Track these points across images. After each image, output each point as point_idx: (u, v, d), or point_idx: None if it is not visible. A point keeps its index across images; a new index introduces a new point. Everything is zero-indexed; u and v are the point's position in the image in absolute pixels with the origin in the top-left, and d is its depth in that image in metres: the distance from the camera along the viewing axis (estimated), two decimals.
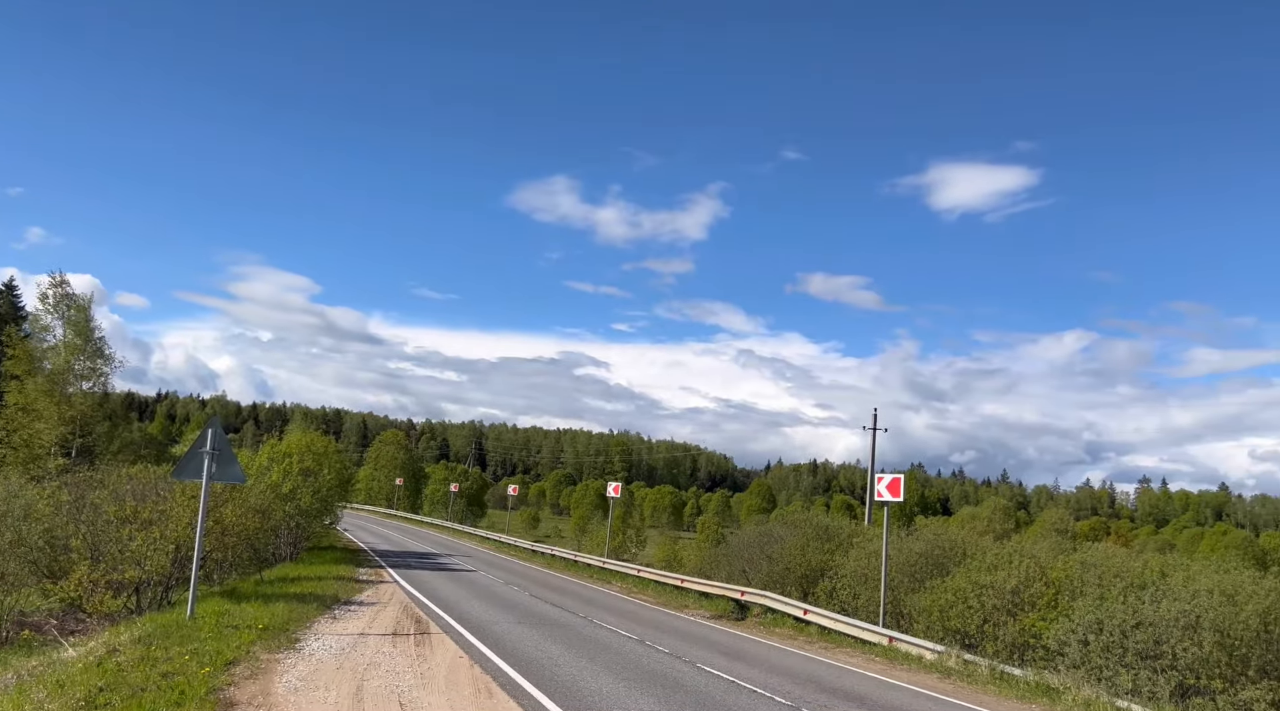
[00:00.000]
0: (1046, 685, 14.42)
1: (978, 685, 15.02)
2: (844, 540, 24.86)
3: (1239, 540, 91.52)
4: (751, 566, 26.46)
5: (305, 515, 30.07)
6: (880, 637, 18.39)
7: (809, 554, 24.18)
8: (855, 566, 22.19)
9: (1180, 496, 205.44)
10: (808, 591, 23.38)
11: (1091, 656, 15.04)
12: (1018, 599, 17.48)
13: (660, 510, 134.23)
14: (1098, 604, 15.70)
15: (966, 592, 18.09)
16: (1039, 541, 22.79)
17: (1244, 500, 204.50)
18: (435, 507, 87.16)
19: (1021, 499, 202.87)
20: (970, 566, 19.18)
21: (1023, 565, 18.14)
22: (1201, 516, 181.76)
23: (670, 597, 27.40)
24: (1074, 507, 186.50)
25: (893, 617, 20.02)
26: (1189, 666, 13.83)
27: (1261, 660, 13.60)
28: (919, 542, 21.94)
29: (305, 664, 12.12)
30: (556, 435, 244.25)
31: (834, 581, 22.57)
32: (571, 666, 13.39)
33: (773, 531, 28.33)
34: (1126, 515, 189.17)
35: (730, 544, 31.71)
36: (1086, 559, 18.70)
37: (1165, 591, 15.23)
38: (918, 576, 20.55)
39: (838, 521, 29.46)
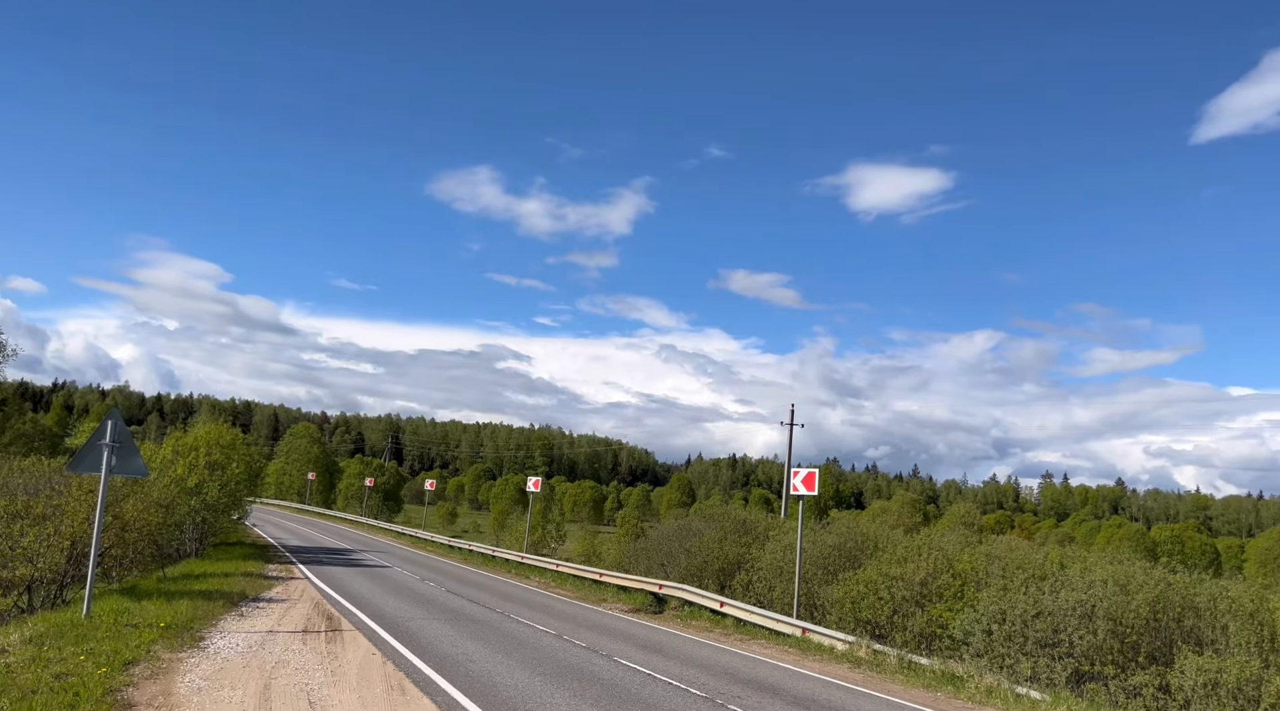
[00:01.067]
0: (951, 673, 14.89)
1: (886, 674, 15.42)
2: (761, 533, 25.18)
3: (1133, 533, 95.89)
4: (670, 560, 26.62)
5: (212, 510, 29.09)
6: (794, 629, 18.72)
7: (726, 547, 24.43)
8: (771, 559, 22.49)
9: (1080, 491, 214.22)
10: (725, 584, 23.63)
11: (994, 645, 15.56)
12: (926, 590, 17.97)
13: (581, 504, 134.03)
14: (1001, 595, 16.23)
15: (877, 584, 18.52)
16: (947, 534, 23.44)
17: (1138, 495, 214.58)
18: (350, 503, 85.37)
19: (931, 493, 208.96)
20: (881, 559, 19.63)
21: (931, 557, 18.64)
22: (1099, 510, 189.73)
23: (589, 592, 27.40)
24: (981, 501, 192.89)
25: (806, 609, 20.37)
26: (1084, 653, 14.42)
27: (1150, 646, 14.26)
28: (832, 536, 22.34)
29: (210, 663, 11.74)
30: (476, 429, 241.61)
31: (750, 574, 22.85)
32: (487, 662, 13.27)
33: (691, 525, 28.55)
34: (1030, 509, 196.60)
35: (650, 538, 31.82)
36: (991, 551, 19.30)
37: (1064, 582, 15.84)
38: (831, 569, 20.94)
39: (755, 515, 29.82)
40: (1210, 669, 12.93)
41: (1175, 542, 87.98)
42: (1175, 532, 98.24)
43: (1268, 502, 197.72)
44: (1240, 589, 15.37)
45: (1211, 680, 12.84)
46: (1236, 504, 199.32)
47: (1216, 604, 14.54)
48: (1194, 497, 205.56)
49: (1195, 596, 14.85)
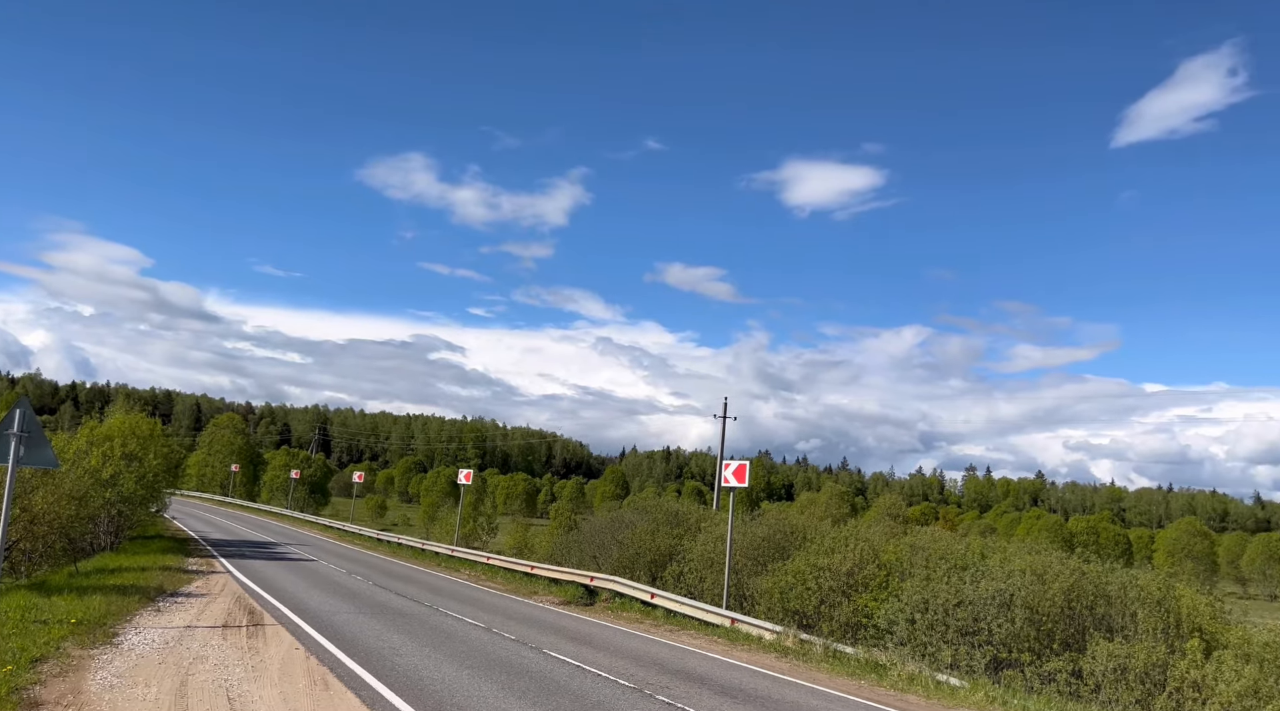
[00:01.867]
0: (875, 662, 15.19)
1: (812, 663, 15.66)
2: (692, 525, 25.33)
3: (1051, 524, 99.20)
4: (602, 552, 26.63)
5: (128, 502, 28.12)
6: (723, 619, 18.90)
7: (659, 539, 24.52)
8: (702, 550, 22.66)
9: (1002, 483, 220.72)
10: (656, 576, 23.73)
11: (917, 634, 15.93)
12: (852, 580, 18.30)
13: (514, 497, 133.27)
14: (924, 584, 16.60)
15: (805, 574, 18.79)
16: (873, 525, 23.92)
17: (1057, 487, 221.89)
18: (275, 495, 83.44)
19: (860, 485, 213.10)
20: (809, 550, 19.91)
21: (858, 548, 18.97)
22: (1020, 502, 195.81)
23: (520, 585, 27.26)
24: (907, 493, 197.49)
25: (736, 600, 20.58)
26: (1002, 641, 14.85)
27: (1065, 634, 14.75)
28: (762, 527, 22.60)
29: (123, 659, 11.34)
30: (407, 421, 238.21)
31: (682, 565, 22.98)
32: (414, 655, 13.10)
33: (624, 517, 28.56)
34: (954, 501, 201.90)
35: (582, 530, 31.78)
36: (915, 542, 19.71)
37: (984, 572, 16.26)
38: (760, 559, 21.18)
39: (687, 507, 29.96)
40: (1120, 654, 13.44)
41: (1091, 533, 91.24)
42: (1091, 524, 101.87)
43: (1177, 494, 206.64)
44: (1149, 578, 15.97)
45: (1121, 665, 13.34)
46: (1148, 496, 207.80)
47: (1126, 592, 15.08)
48: (1109, 490, 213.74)
49: (1107, 585, 15.38)
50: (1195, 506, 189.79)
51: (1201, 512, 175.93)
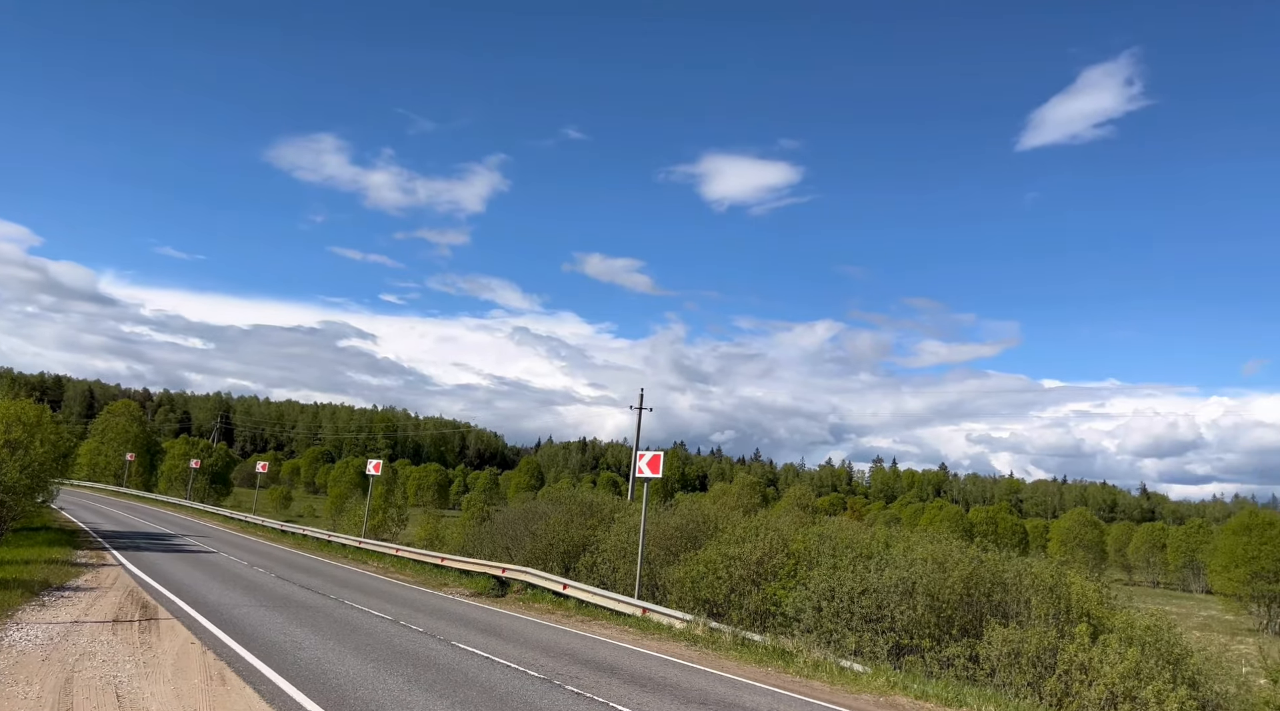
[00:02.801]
0: (782, 649, 15.46)
1: (721, 651, 15.84)
2: (606, 516, 25.32)
3: (952, 514, 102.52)
4: (515, 543, 26.42)
5: (11, 492, 26.63)
6: (635, 609, 18.96)
7: (572, 530, 24.45)
8: (616, 541, 22.68)
9: (907, 474, 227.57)
10: (570, 566, 23.67)
11: (824, 621, 16.26)
12: (762, 569, 18.57)
13: (425, 488, 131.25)
14: (831, 573, 16.95)
15: (716, 564, 18.99)
16: (783, 516, 24.32)
17: (959, 478, 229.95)
18: (173, 486, 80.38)
19: (772, 476, 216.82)
20: (721, 539, 20.13)
21: (768, 537, 19.26)
22: (924, 493, 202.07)
23: (430, 576, 26.86)
24: (816, 484, 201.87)
25: (648, 589, 20.67)
26: (904, 628, 15.27)
27: (963, 620, 15.26)
28: (675, 517, 22.72)
29: (3, 657, 10.76)
30: (315, 409, 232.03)
31: (595, 556, 22.97)
32: (317, 649, 12.76)
33: (538, 508, 28.42)
34: (862, 491, 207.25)
35: (495, 521, 31.49)
36: (823, 532, 20.11)
37: (888, 561, 16.70)
38: (673, 549, 21.31)
39: (602, 498, 29.93)
40: (1014, 639, 13.96)
41: (990, 523, 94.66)
42: (990, 514, 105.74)
43: (1070, 486, 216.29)
44: (1042, 566, 16.61)
45: (1015, 649, 13.86)
46: (1044, 487, 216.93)
47: (1021, 580, 15.65)
48: (1008, 482, 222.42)
49: (1003, 573, 15.94)
50: (1087, 497, 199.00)
51: (1092, 503, 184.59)
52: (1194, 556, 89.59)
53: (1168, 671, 12.82)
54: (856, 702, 12.43)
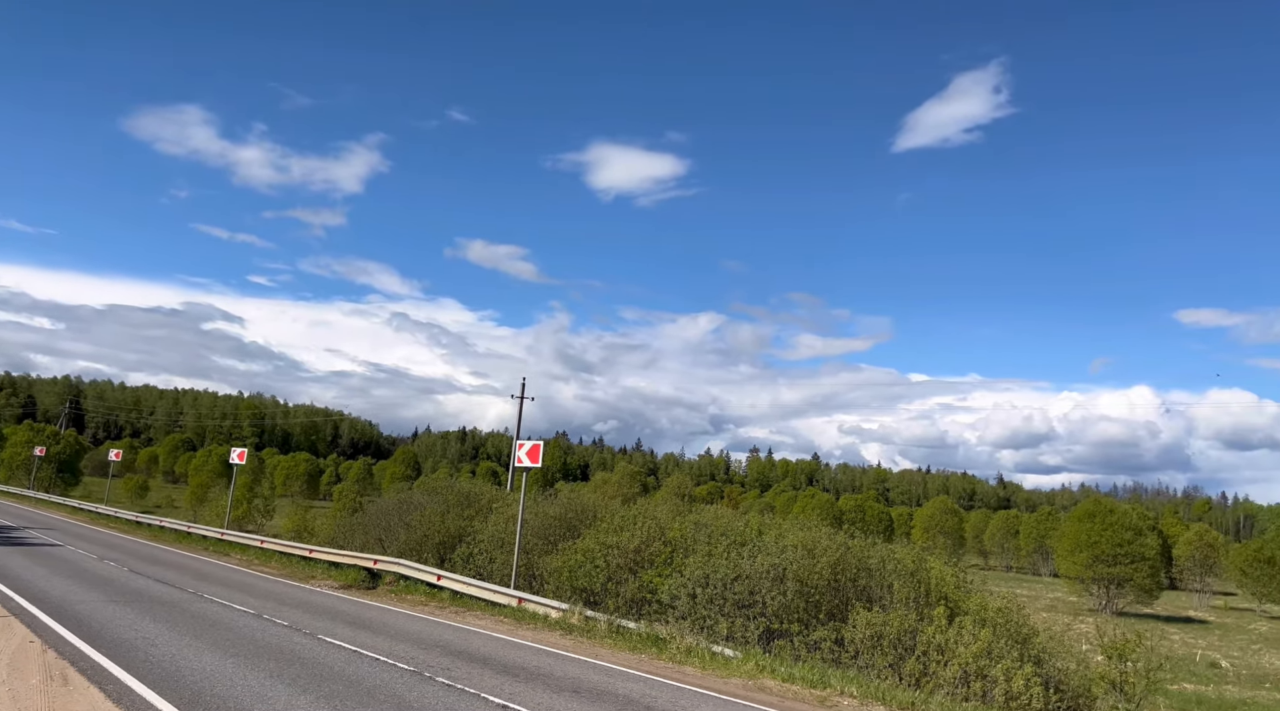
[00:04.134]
0: (656, 636, 15.61)
1: (596, 639, 15.88)
2: (484, 506, 25.02)
3: (823, 502, 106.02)
4: (389, 534, 25.79)
5: None
6: (510, 599, 18.80)
7: (449, 521, 24.05)
8: (494, 531, 22.44)
9: (782, 464, 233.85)
10: (445, 557, 23.27)
11: (698, 608, 16.50)
12: (639, 557, 18.69)
13: (295, 478, 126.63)
14: (706, 560, 17.22)
15: (595, 553, 19.01)
16: (661, 504, 24.54)
17: (830, 468, 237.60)
18: (15, 474, 74.89)
19: (652, 465, 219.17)
20: (599, 528, 20.16)
21: (646, 526, 19.40)
22: (798, 481, 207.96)
23: (297, 569, 25.93)
24: (695, 473, 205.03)
25: (526, 580, 20.53)
26: (775, 613, 15.66)
27: (830, 605, 15.77)
28: (555, 507, 22.64)
29: None
30: (175, 395, 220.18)
31: (472, 547, 22.65)
32: (171, 645, 12.11)
33: (413, 499, 27.81)
34: (738, 480, 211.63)
35: (368, 512, 30.67)
36: (699, 520, 20.39)
37: (761, 548, 17.07)
38: (551, 539, 21.22)
39: (480, 488, 29.59)
40: (877, 622, 14.51)
41: (858, 511, 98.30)
42: (858, 502, 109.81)
43: (934, 476, 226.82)
44: (904, 552, 17.35)
45: (877, 632, 14.41)
46: (909, 477, 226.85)
47: (885, 565, 16.30)
48: (876, 471, 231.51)
49: (869, 559, 16.56)
50: (949, 487, 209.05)
51: (954, 492, 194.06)
52: (1043, 542, 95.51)
53: (1016, 650, 13.59)
54: (726, 687, 12.67)
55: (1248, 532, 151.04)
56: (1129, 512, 63.28)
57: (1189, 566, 79.91)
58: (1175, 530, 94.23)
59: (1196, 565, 78.80)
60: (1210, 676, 31.09)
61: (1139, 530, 59.40)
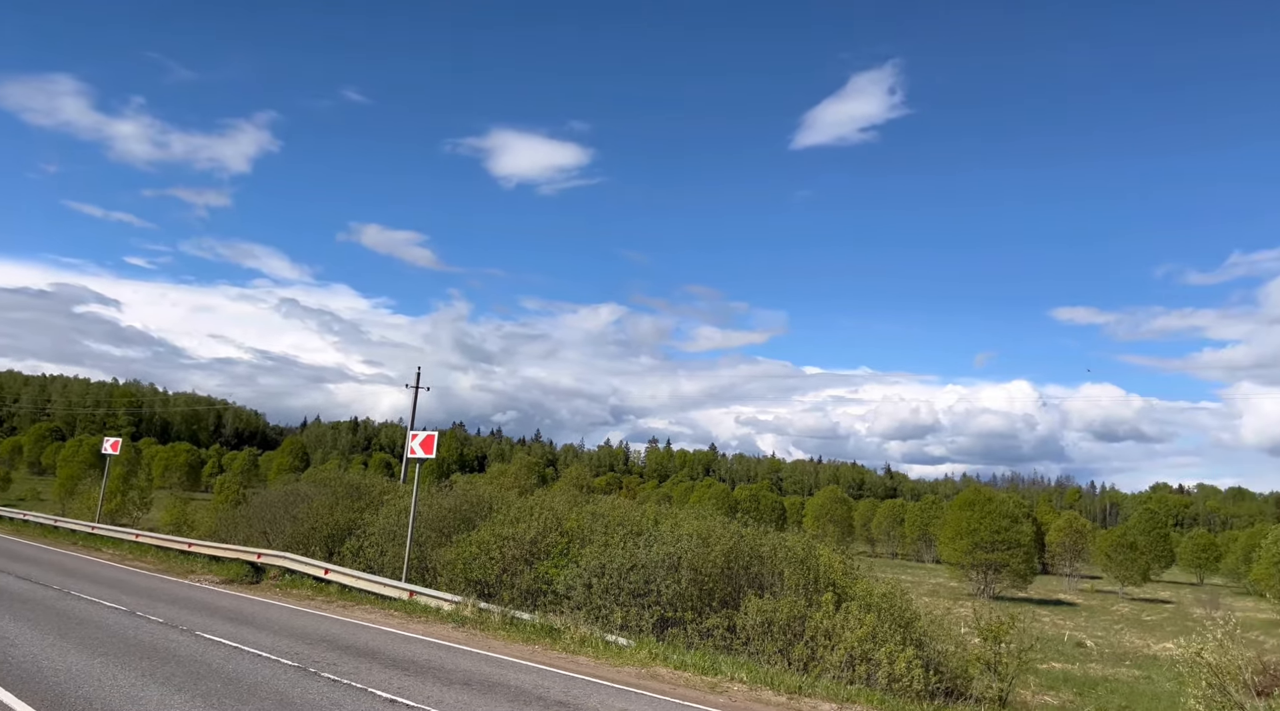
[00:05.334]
0: (551, 626, 15.56)
1: (489, 631, 15.72)
2: (376, 498, 24.50)
3: (719, 492, 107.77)
4: (274, 527, 24.97)
5: None
6: (401, 592, 18.44)
7: (338, 513, 23.45)
8: (385, 523, 21.98)
9: (680, 454, 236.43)
10: (334, 551, 22.67)
11: (594, 598, 16.51)
12: (536, 548, 18.60)
13: (174, 469, 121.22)
14: (602, 550, 17.25)
15: (489, 544, 18.81)
16: (559, 495, 24.49)
17: (727, 458, 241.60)
18: None
19: (551, 456, 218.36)
20: (495, 520, 19.97)
21: (542, 517, 19.31)
22: (695, 472, 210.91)
23: (175, 564, 24.81)
24: (594, 464, 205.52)
25: (418, 572, 20.17)
26: (670, 601, 15.81)
27: (723, 592, 16.00)
28: (449, 498, 22.35)
29: None
30: (43, 381, 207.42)
31: (362, 539, 22.13)
32: (34, 645, 11.40)
33: (300, 490, 27.05)
34: (637, 471, 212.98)
35: (252, 504, 29.68)
36: (597, 510, 20.41)
37: (657, 537, 17.21)
38: (445, 531, 20.92)
39: (372, 479, 28.99)
40: (768, 609, 14.81)
41: (753, 500, 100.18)
42: (753, 492, 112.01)
43: (825, 466, 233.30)
44: (795, 540, 17.74)
45: (768, 618, 14.70)
46: (802, 467, 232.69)
47: (776, 553, 16.64)
48: (770, 461, 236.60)
49: (761, 547, 16.88)
50: (839, 476, 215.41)
51: (844, 482, 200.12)
52: (927, 530, 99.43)
53: (899, 634, 14.08)
54: (619, 675, 12.72)
55: (1113, 519, 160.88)
56: (1006, 501, 66.47)
57: (1060, 552, 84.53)
58: (1048, 518, 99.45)
59: (1066, 551, 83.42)
60: (1076, 655, 32.95)
61: (1015, 518, 62.44)
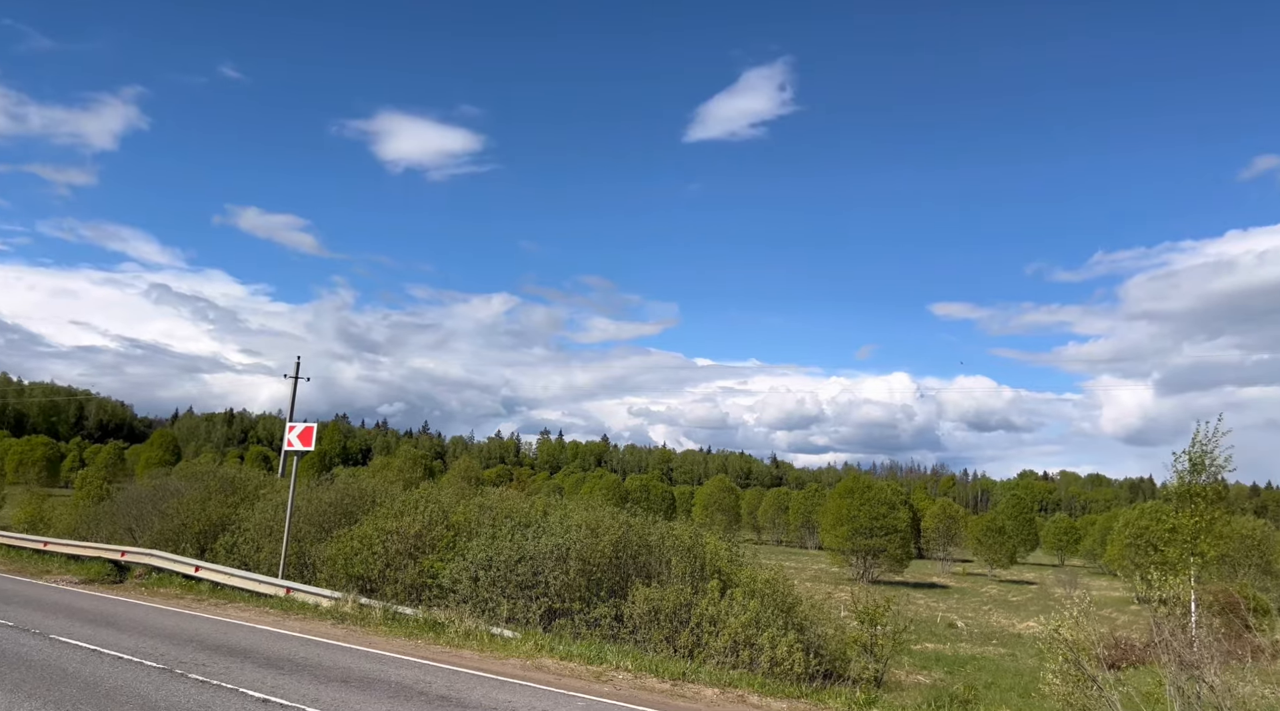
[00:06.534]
0: (435, 621, 15.29)
1: (370, 627, 15.34)
2: (251, 492, 23.64)
3: (611, 483, 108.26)
4: (141, 524, 23.76)
5: None
6: (277, 589, 17.83)
7: (210, 508, 22.54)
8: (261, 519, 21.23)
9: (572, 446, 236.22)
10: (206, 547, 21.76)
11: (480, 591, 16.31)
12: (420, 542, 18.23)
13: (30, 464, 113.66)
14: (490, 542, 17.05)
15: (372, 539, 18.35)
16: (446, 488, 24.14)
17: (619, 449, 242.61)
18: None
19: (439, 448, 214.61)
20: (378, 514, 19.51)
21: (428, 510, 18.95)
22: (587, 463, 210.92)
23: (28, 564, 23.27)
24: (485, 456, 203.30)
25: (297, 569, 19.56)
26: (558, 592, 15.76)
27: (611, 582, 16.05)
28: (330, 492, 21.78)
29: None
30: None
31: (236, 536, 21.32)
32: None
33: (170, 485, 25.84)
34: (529, 463, 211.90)
35: (117, 500, 28.19)
36: (485, 502, 20.20)
37: (545, 528, 17.12)
38: (326, 526, 20.34)
39: (248, 473, 27.91)
40: (655, 597, 14.94)
41: (643, 491, 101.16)
42: (644, 482, 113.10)
43: (714, 456, 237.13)
44: (683, 528, 17.98)
45: (655, 607, 14.84)
46: (692, 457, 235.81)
47: (664, 542, 16.81)
48: (661, 452, 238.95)
49: (649, 536, 17.00)
50: (728, 466, 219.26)
51: (732, 472, 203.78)
52: (810, 517, 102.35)
53: (781, 619, 14.45)
54: (504, 667, 12.60)
55: (984, 506, 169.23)
56: (884, 489, 69.06)
57: (935, 537, 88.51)
58: (924, 504, 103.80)
59: (941, 536, 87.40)
60: (948, 635, 34.54)
61: (893, 505, 64.96)
